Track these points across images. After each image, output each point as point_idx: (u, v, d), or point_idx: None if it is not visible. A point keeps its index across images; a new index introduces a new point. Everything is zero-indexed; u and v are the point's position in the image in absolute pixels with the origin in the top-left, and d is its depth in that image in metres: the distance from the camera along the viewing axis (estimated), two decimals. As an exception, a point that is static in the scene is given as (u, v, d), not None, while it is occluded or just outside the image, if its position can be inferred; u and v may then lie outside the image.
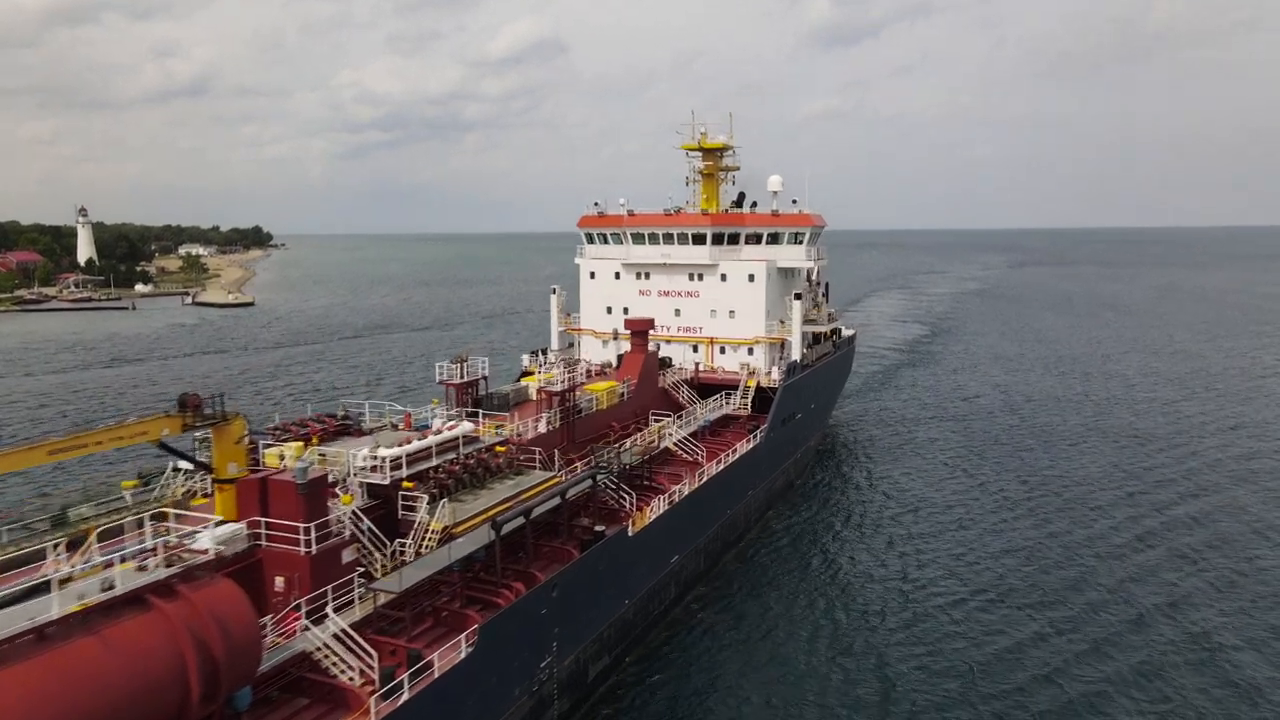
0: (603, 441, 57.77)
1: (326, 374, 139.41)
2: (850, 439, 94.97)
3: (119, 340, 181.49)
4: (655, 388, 67.11)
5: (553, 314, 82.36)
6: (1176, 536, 64.60)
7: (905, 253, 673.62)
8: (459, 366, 56.60)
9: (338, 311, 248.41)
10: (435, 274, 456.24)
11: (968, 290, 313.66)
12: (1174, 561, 60.43)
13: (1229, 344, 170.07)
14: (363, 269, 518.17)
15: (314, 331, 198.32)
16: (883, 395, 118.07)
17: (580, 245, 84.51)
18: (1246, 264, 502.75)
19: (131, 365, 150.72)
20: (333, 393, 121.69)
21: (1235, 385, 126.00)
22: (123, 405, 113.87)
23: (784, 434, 71.23)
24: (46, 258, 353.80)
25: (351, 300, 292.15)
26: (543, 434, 52.90)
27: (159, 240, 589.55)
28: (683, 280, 77.70)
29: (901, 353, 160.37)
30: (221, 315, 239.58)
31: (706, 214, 77.19)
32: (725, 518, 59.85)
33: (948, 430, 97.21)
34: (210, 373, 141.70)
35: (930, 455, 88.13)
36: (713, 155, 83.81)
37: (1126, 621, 51.51)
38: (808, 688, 44.66)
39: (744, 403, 70.09)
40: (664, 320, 78.24)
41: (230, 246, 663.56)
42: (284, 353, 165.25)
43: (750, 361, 76.09)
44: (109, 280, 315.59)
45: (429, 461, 41.56)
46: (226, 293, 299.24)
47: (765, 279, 75.41)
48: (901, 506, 71.80)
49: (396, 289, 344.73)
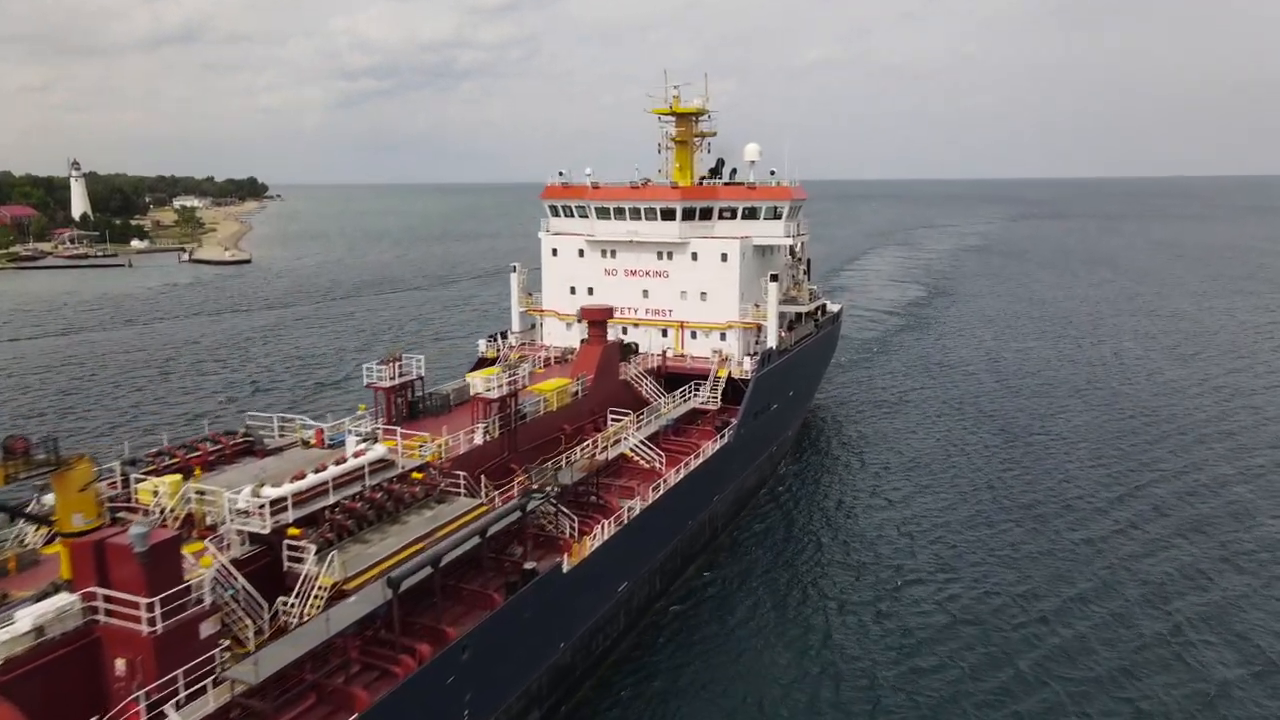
0: (552, 451, 52.13)
1: (316, 339, 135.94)
2: (834, 418, 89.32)
3: (112, 302, 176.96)
4: (615, 381, 61.17)
5: (513, 294, 76.05)
6: (1174, 539, 59.41)
7: (905, 205, 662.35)
8: (390, 367, 50.68)
9: (334, 270, 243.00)
10: (432, 228, 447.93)
11: (967, 246, 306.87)
12: (1169, 557, 55.39)
13: (1226, 306, 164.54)
14: (359, 223, 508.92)
15: (310, 292, 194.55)
16: (872, 367, 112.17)
17: (544, 219, 78.05)
18: (1256, 217, 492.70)
19: (124, 330, 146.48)
20: (315, 361, 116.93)
21: (1228, 354, 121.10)
22: (111, 374, 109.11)
23: (757, 428, 65.46)
24: (40, 212, 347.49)
25: (348, 257, 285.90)
26: (479, 447, 47.14)
27: (153, 192, 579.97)
28: (651, 259, 71.26)
29: (896, 317, 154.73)
30: (218, 274, 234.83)
31: (676, 187, 70.32)
32: (687, 530, 54.36)
33: (937, 408, 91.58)
34: (202, 336, 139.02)
35: (916, 437, 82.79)
36: (686, 120, 76.75)
37: (1127, 634, 46.53)
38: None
39: (713, 396, 64.16)
40: (631, 302, 72.06)
41: (225, 198, 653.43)
42: (278, 315, 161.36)
43: (723, 348, 69.98)
44: (104, 236, 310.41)
45: (324, 500, 35.77)
46: (223, 249, 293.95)
47: (739, 258, 68.95)
48: (885, 499, 66.58)
49: (393, 245, 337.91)
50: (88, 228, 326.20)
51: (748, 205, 71.28)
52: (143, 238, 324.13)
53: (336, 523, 35.18)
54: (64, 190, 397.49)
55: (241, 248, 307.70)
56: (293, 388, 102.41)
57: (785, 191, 71.50)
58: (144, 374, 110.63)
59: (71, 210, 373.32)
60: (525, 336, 75.91)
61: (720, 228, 71.57)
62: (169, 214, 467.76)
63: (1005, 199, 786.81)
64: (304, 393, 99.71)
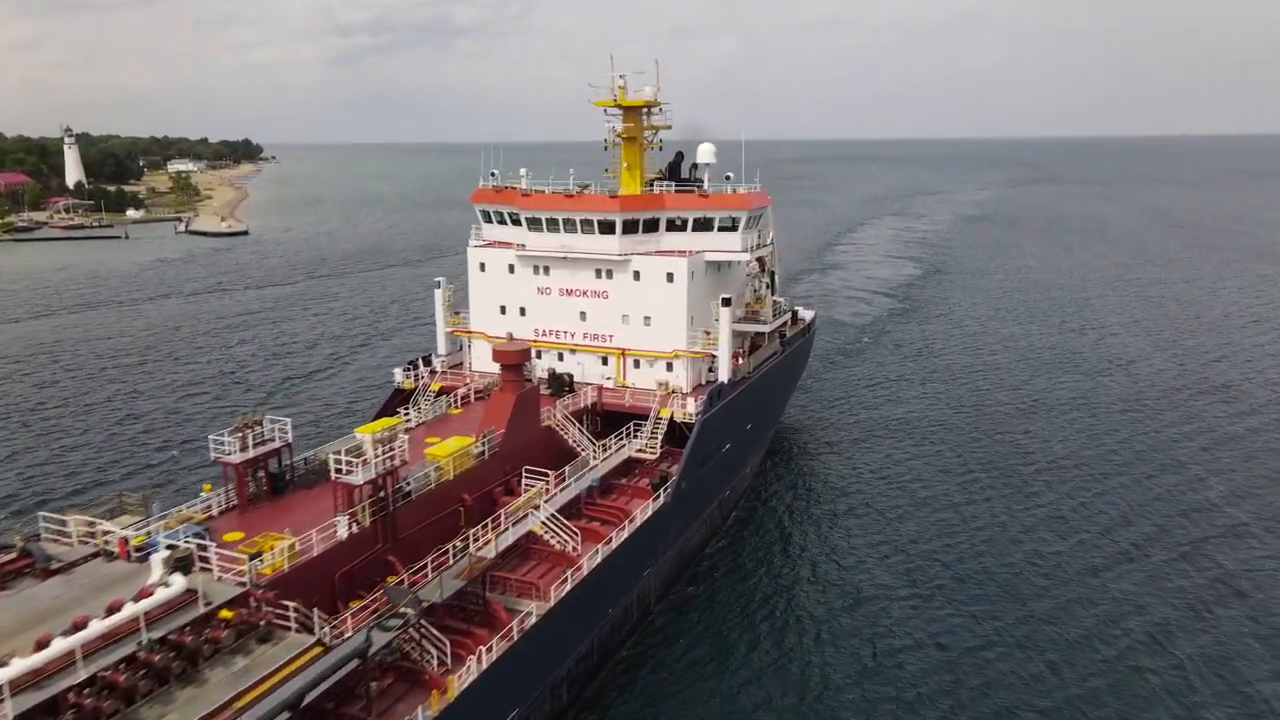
0: (448, 529, 43.20)
1: (304, 324, 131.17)
2: (805, 435, 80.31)
3: (103, 280, 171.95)
4: (535, 430, 51.97)
5: (438, 312, 66.50)
6: (1161, 552, 50.82)
7: (907, 170, 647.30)
8: (242, 436, 41.62)
9: (325, 243, 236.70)
10: (428, 193, 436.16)
11: (965, 215, 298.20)
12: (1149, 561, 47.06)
13: (1215, 285, 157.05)
14: (355, 188, 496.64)
15: (305, 266, 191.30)
16: (852, 367, 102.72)
17: (476, 226, 68.43)
18: (1254, 180, 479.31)
19: (113, 309, 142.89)
20: (289, 353, 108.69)
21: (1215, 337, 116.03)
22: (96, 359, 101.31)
23: (705, 479, 56.48)
24: (34, 179, 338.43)
25: (341, 228, 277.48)
26: (340, 544, 38.19)
27: (147, 155, 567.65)
28: (588, 277, 61.67)
29: (889, 299, 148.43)
30: (214, 247, 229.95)
31: (615, 197, 60.32)
32: (607, 620, 45.64)
33: (920, 421, 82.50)
34: (192, 317, 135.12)
35: (896, 456, 74.23)
36: (635, 114, 66.72)
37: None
38: None
39: (652, 444, 55.01)
40: (567, 325, 62.68)
41: (220, 161, 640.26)
42: (271, 294, 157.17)
43: (669, 379, 60.69)
44: (99, 205, 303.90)
45: (70, 678, 26.85)
46: (219, 219, 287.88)
47: (687, 278, 59.31)
48: (858, 551, 57.69)
49: (388, 213, 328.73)
50: (82, 196, 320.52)
51: (699, 215, 61.55)
52: (138, 206, 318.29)
53: (87, 710, 26.27)
54: (58, 156, 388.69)
55: (238, 217, 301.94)
56: (260, 385, 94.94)
57: (742, 200, 61.67)
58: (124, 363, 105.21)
59: (66, 178, 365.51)
60: (453, 359, 66.66)
61: (669, 241, 61.91)
62: (164, 179, 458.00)
63: (1006, 161, 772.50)
64: (266, 392, 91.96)
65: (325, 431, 77.78)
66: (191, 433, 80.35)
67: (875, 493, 67.56)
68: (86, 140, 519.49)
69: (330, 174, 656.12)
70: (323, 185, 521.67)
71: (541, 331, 63.32)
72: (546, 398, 58.45)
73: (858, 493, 67.68)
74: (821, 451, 76.91)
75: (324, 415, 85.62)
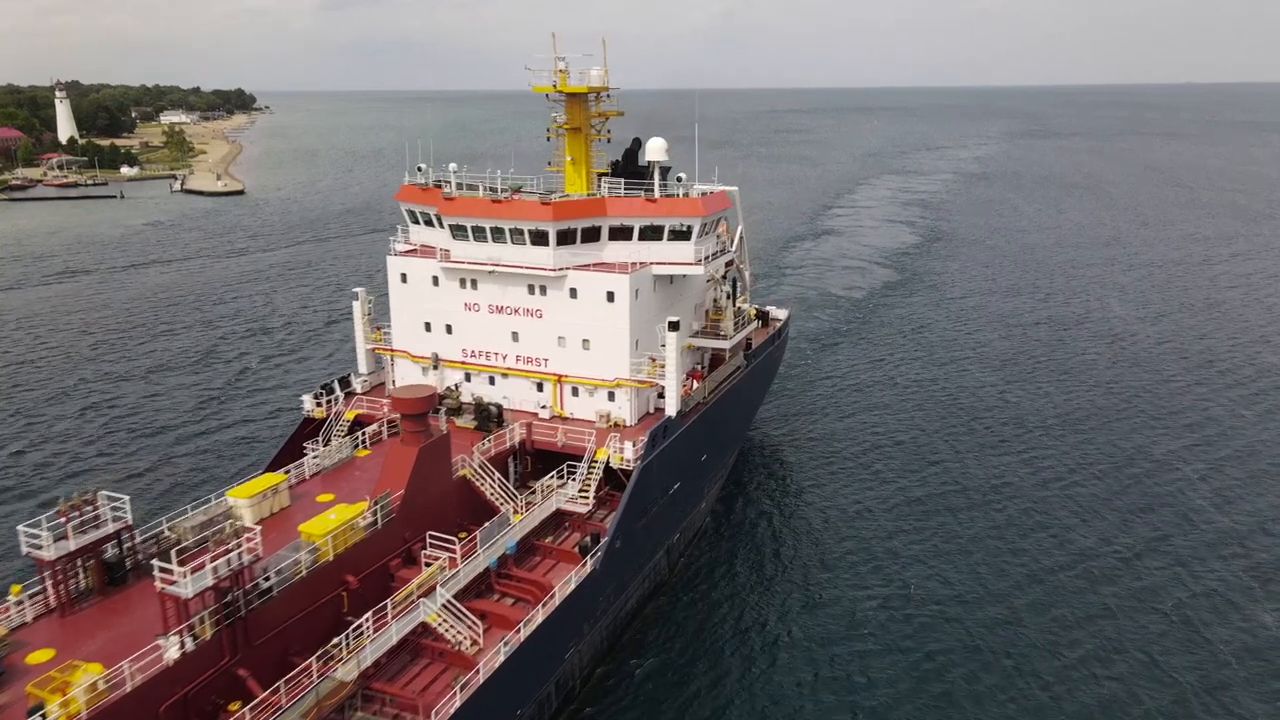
0: (324, 624, 35.86)
1: (291, 295, 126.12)
2: (779, 433, 72.81)
3: (95, 243, 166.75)
4: (445, 484, 44.30)
5: (357, 327, 58.37)
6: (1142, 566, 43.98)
7: (907, 122, 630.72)
8: (65, 521, 34.10)
9: (319, 205, 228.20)
10: (423, 147, 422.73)
11: (964, 172, 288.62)
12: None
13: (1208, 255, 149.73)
14: (351, 141, 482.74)
15: (300, 229, 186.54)
16: (825, 364, 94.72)
17: (401, 226, 60.13)
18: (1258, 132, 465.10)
19: (99, 276, 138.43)
20: (218, 356, 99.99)
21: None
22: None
23: (646, 529, 49.05)
24: (26, 134, 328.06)
25: (335, 187, 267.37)
26: (168, 668, 30.82)
27: (138, 105, 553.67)
28: (520, 293, 53.48)
29: (885, 267, 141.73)
30: (210, 208, 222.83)
31: (548, 203, 51.68)
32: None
33: (897, 417, 74.80)
34: (178, 285, 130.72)
35: (880, 461, 67.05)
36: (580, 102, 57.95)
37: None
38: None
39: (584, 494, 47.40)
40: (497, 345, 54.67)
41: (213, 112, 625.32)
42: (265, 259, 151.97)
43: (612, 410, 52.88)
44: (93, 161, 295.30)
45: None
46: (215, 177, 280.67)
47: (629, 298, 51.14)
48: (840, 602, 50.35)
49: (383, 169, 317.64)
50: (75, 152, 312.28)
51: (646, 223, 53.16)
52: (132, 164, 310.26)
53: None
54: (48, 109, 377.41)
55: (234, 175, 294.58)
56: (161, 409, 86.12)
57: (694, 205, 53.12)
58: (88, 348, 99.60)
59: (58, 133, 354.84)
60: (375, 379, 58.81)
61: (612, 251, 53.56)
62: (157, 131, 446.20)
63: (1007, 112, 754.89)
64: (165, 421, 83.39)
65: (220, 467, 68.30)
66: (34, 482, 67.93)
67: (857, 523, 59.99)
68: (77, 90, 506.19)
69: (325, 124, 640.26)
70: (318, 136, 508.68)
71: (470, 352, 55.41)
72: (473, 432, 51.04)
73: (835, 523, 60.09)
74: (795, 466, 69.30)
75: (226, 449, 72.61)
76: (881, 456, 70.73)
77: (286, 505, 42.55)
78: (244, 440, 74.66)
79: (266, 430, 76.29)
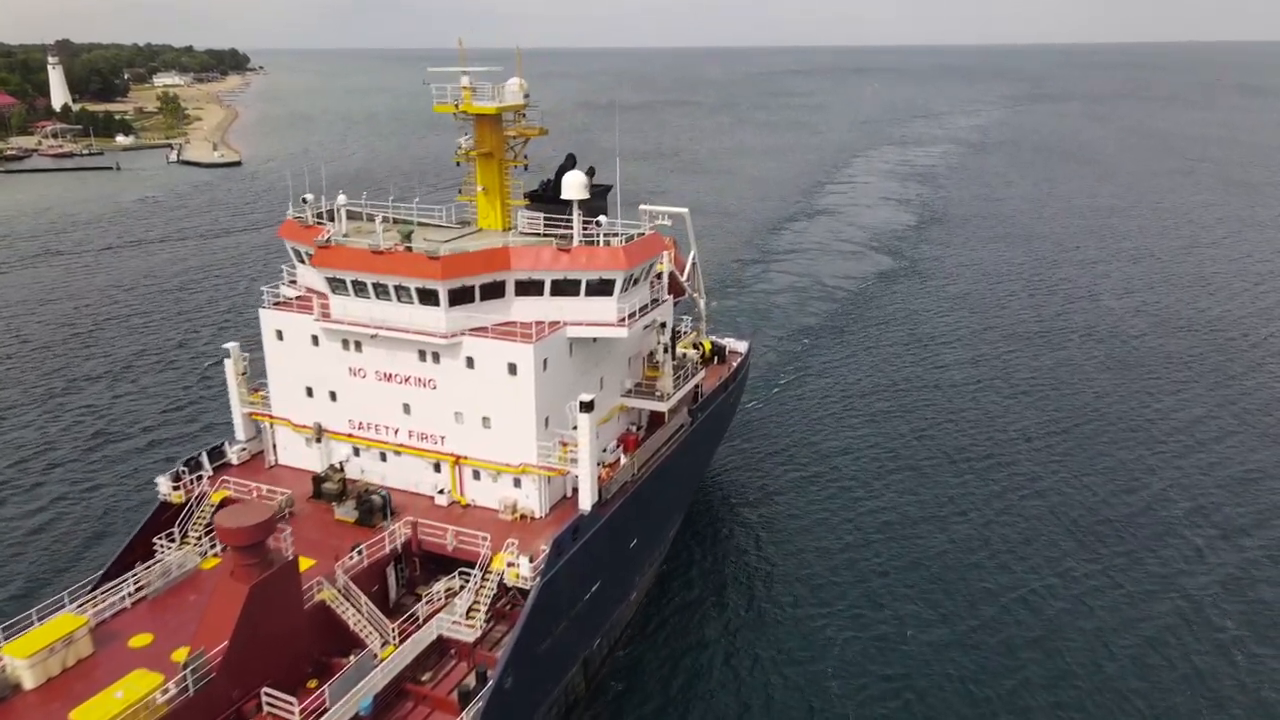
0: None
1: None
2: (737, 477, 64.01)
3: (91, 223, 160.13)
4: (291, 622, 35.47)
5: (231, 389, 49.22)
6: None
7: (906, 85, 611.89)
8: None
9: (319, 172, 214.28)
10: (422, 111, 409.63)
11: (962, 141, 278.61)
12: None
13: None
14: (347, 104, 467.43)
15: (282, 203, 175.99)
16: (796, 384, 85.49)
17: (288, 265, 50.72)
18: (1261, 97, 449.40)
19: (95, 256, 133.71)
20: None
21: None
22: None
23: (550, 652, 40.32)
24: (19, 100, 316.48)
25: (330, 156, 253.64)
26: None
27: (131, 67, 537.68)
28: (410, 360, 44.26)
29: (881, 254, 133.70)
30: (206, 180, 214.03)
31: (436, 258, 42.19)
32: None
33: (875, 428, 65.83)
34: (171, 264, 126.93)
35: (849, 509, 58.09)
36: (490, 124, 48.22)
37: None
38: None
39: (472, 617, 38.61)
40: (387, 418, 45.58)
41: (207, 73, 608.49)
42: (258, 236, 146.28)
43: (518, 499, 43.99)
44: (88, 130, 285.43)
45: None
46: (212, 147, 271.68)
47: (534, 370, 41.92)
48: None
49: (377, 138, 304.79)
50: (69, 120, 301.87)
51: (558, 277, 43.74)
52: (128, 132, 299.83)
53: None
54: (40, 73, 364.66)
55: (230, 144, 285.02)
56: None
57: (614, 257, 43.46)
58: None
59: (51, 100, 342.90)
60: (255, 448, 49.82)
61: (520, 309, 44.17)
62: (151, 95, 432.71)
63: (1011, 74, 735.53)
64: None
65: (43, 574, 53.67)
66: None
67: (823, 608, 51.46)
68: (68, 49, 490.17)
69: (320, 85, 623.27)
70: (313, 101, 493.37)
71: (357, 424, 46.38)
72: (353, 526, 42.34)
73: (802, 606, 51.50)
74: (749, 524, 60.45)
75: (60, 544, 57.12)
76: (852, 501, 61.96)
77: (87, 654, 33.90)
78: (91, 531, 58.94)
79: (121, 519, 60.06)
